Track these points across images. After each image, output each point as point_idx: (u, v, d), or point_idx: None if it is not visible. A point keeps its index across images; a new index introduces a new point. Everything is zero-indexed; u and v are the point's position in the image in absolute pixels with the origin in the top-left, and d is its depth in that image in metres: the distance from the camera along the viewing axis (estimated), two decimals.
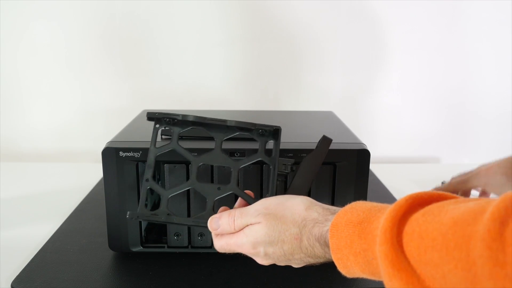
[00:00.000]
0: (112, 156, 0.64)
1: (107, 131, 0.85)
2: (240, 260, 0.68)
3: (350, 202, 0.45)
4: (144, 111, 0.94)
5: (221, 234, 0.52)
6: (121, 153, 0.64)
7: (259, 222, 0.48)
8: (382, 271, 0.37)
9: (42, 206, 0.92)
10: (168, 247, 0.69)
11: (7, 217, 0.86)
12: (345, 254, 0.42)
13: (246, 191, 0.56)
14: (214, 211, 0.54)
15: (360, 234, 0.40)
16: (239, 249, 0.50)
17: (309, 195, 0.67)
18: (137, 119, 0.85)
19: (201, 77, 1.23)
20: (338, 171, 0.66)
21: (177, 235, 0.68)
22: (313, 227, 0.45)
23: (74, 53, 1.19)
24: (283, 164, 0.56)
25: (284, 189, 0.55)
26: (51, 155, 1.27)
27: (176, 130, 0.58)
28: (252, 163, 0.58)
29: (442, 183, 0.99)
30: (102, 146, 0.65)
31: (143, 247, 0.69)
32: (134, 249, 0.69)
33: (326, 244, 0.44)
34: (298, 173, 0.55)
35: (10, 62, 1.19)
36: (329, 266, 0.67)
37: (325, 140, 0.57)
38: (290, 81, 1.25)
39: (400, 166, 1.25)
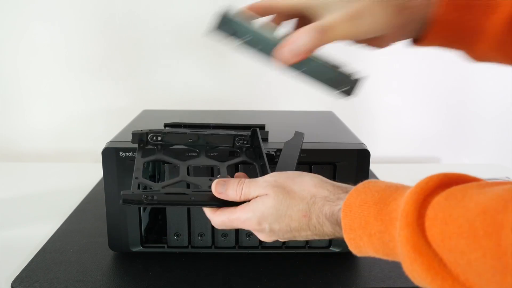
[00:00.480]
0: (112, 156, 0.64)
1: (107, 131, 0.85)
2: (240, 260, 0.69)
3: None
4: (144, 111, 0.94)
5: (221, 210, 0.50)
6: (121, 153, 0.64)
7: (266, 194, 0.47)
8: (402, 254, 0.36)
9: (42, 206, 0.92)
10: (168, 247, 0.69)
11: (7, 217, 0.86)
12: (358, 235, 0.41)
13: (238, 173, 0.57)
14: None
15: (377, 216, 0.39)
16: (242, 225, 0.48)
17: None
18: (137, 119, 0.85)
19: (201, 77, 1.23)
20: (338, 171, 0.66)
21: (177, 235, 0.68)
22: (323, 205, 0.44)
23: (74, 53, 1.19)
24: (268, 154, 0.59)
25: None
26: (51, 155, 1.26)
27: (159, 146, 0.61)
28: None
29: None
30: (102, 146, 0.65)
31: (143, 247, 0.69)
32: (134, 249, 0.69)
33: (337, 223, 0.43)
34: (282, 152, 0.56)
35: (10, 62, 1.19)
36: (329, 266, 0.67)
37: (298, 134, 0.59)
38: (290, 81, 1.25)
39: (400, 166, 1.25)
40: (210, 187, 0.50)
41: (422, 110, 1.30)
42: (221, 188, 0.49)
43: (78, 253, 0.70)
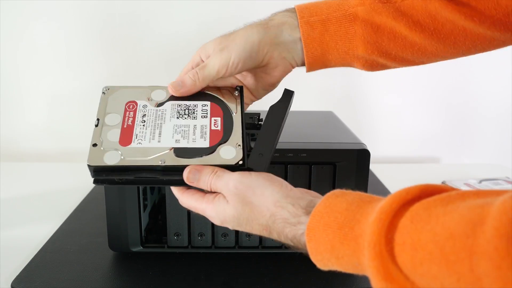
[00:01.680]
0: None
1: None
2: (240, 260, 0.69)
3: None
4: None
5: (189, 192, 0.49)
6: None
7: (227, 200, 0.47)
8: (373, 283, 0.36)
9: (42, 206, 0.92)
10: (168, 247, 0.69)
11: (7, 217, 0.86)
12: (326, 257, 0.41)
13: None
14: None
15: (342, 241, 0.39)
16: (207, 217, 0.49)
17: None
18: None
19: None
20: (338, 171, 0.66)
21: (177, 235, 0.68)
22: (284, 227, 0.44)
23: (74, 53, 1.19)
24: (250, 117, 0.57)
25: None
26: (51, 155, 1.26)
27: None
28: None
29: (442, 183, 0.99)
30: None
31: (143, 247, 0.69)
32: (134, 249, 0.69)
33: (301, 245, 0.43)
34: (264, 124, 0.53)
35: (10, 62, 1.19)
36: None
37: (287, 92, 0.57)
38: (290, 81, 1.25)
39: (400, 166, 1.25)
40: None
41: (422, 110, 1.30)
42: (193, 177, 0.48)
43: (78, 253, 0.70)
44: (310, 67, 0.58)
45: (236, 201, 0.46)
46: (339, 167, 0.66)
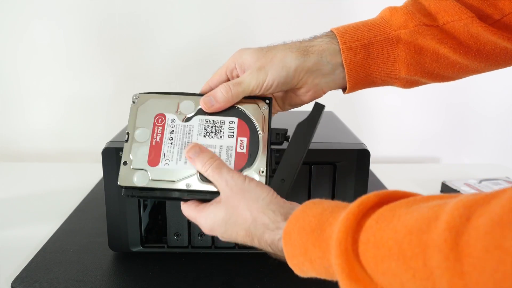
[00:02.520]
0: (112, 156, 0.64)
1: (107, 131, 0.85)
2: (240, 260, 0.69)
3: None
4: None
5: (190, 202, 0.52)
6: (121, 153, 0.64)
7: (220, 201, 0.49)
8: (339, 281, 0.37)
9: (42, 206, 0.92)
10: (168, 247, 0.69)
11: (7, 217, 0.86)
12: (301, 261, 0.42)
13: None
14: None
15: (314, 243, 0.40)
16: (198, 224, 0.51)
17: (309, 194, 0.67)
18: None
19: (202, 77, 1.23)
20: (338, 171, 0.66)
21: (177, 235, 0.68)
22: (263, 233, 0.45)
23: (74, 53, 1.19)
24: (276, 134, 0.56)
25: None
26: (51, 155, 1.27)
27: None
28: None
29: (442, 183, 0.99)
30: (102, 146, 0.65)
31: (143, 247, 0.69)
32: (134, 249, 0.69)
33: (278, 250, 0.44)
34: (289, 146, 0.53)
35: (10, 62, 1.19)
36: None
37: (317, 107, 0.56)
38: None
39: (400, 166, 1.25)
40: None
41: (422, 110, 1.30)
42: (194, 153, 0.51)
43: (78, 253, 0.70)
44: (351, 90, 0.58)
45: (227, 203, 0.48)
46: (339, 167, 0.66)
